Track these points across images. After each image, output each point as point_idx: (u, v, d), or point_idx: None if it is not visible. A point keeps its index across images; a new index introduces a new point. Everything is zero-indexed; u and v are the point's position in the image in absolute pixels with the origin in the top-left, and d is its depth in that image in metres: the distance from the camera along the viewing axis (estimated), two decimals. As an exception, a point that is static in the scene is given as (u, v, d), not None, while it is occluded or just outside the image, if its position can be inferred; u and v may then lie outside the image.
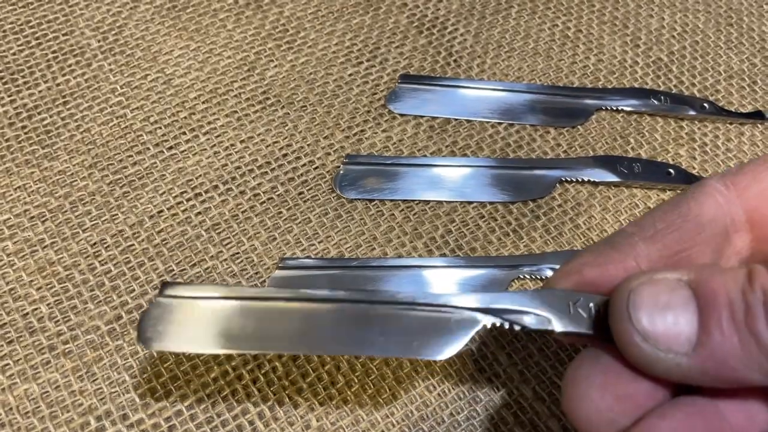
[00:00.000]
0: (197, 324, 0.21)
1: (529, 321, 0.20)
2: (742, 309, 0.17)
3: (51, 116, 0.33)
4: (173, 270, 0.29)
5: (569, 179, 0.32)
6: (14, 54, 0.35)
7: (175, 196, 0.31)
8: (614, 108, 0.35)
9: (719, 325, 0.17)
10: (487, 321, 0.20)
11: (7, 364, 0.27)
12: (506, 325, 0.20)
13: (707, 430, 0.19)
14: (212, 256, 0.30)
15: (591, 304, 0.20)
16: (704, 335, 0.18)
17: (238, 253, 0.30)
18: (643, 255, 0.20)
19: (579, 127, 0.35)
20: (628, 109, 0.35)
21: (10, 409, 0.26)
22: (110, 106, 0.33)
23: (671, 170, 0.33)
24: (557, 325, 0.20)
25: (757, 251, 0.21)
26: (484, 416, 0.27)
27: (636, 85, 0.36)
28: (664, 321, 0.18)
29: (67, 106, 0.33)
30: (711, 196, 0.20)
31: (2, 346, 0.27)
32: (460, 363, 0.28)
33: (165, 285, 0.21)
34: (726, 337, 0.17)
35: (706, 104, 0.35)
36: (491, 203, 0.32)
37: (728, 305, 0.17)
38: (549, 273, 0.29)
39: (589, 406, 0.19)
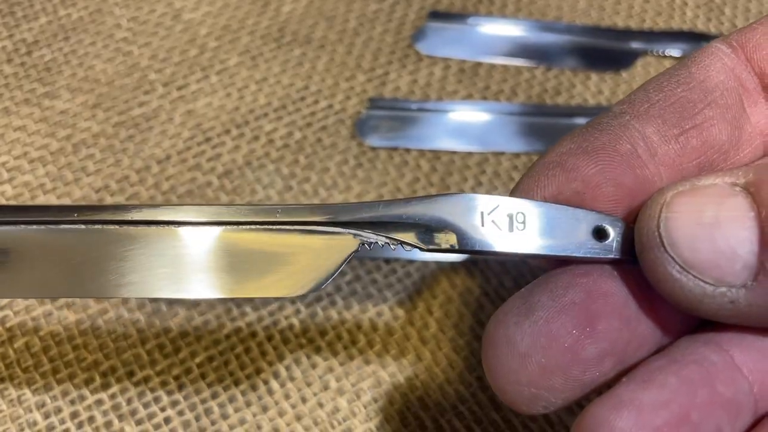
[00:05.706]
0: None
1: (414, 237, 0.15)
2: None
3: (52, 52, 0.31)
4: (183, 219, 0.27)
5: (611, 129, 0.30)
6: (12, -16, 0.32)
7: (185, 140, 0.29)
8: (662, 53, 0.32)
9: None
10: (352, 240, 0.16)
11: (7, 315, 0.25)
12: (380, 242, 0.16)
13: (712, 398, 0.14)
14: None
15: (513, 213, 0.15)
16: None
17: (251, 202, 0.28)
18: (638, 136, 0.16)
19: (623, 72, 0.32)
20: (677, 54, 0.32)
21: (11, 363, 0.25)
22: (115, 42, 0.31)
23: (723, 121, 0.30)
24: (460, 242, 0.15)
25: None
26: (515, 381, 0.25)
27: (685, 28, 0.33)
28: (712, 244, 0.13)
29: (69, 42, 0.31)
30: (716, 58, 0.16)
31: (1, 296, 0.26)
32: (490, 324, 0.26)
33: None
34: None
35: (761, 50, 0.32)
36: (526, 154, 0.29)
37: None
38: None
39: (508, 377, 0.15)
